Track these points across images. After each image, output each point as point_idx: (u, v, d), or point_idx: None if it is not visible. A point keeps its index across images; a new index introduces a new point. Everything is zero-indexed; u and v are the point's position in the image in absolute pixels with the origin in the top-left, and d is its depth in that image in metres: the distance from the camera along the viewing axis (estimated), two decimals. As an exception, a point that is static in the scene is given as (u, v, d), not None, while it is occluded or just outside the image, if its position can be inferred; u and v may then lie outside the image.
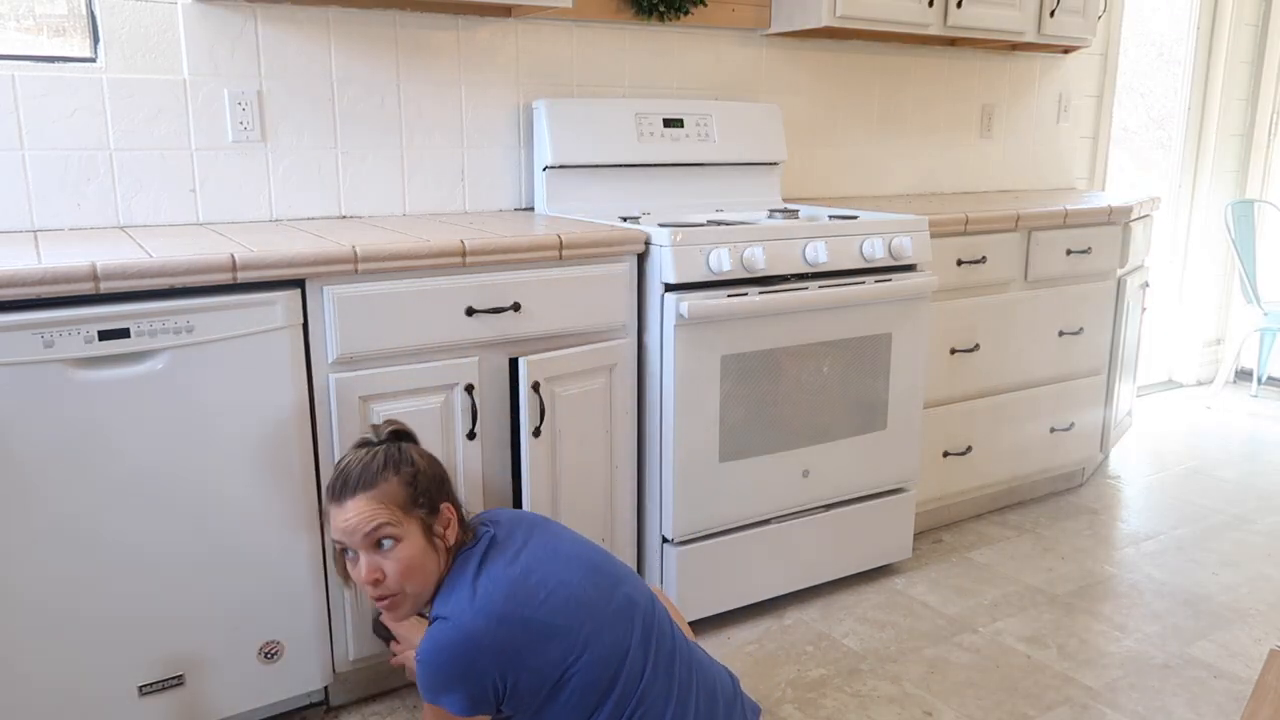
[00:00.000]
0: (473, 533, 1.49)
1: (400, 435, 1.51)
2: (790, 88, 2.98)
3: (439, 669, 1.36)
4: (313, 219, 2.29)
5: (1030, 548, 2.76)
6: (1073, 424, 3.03)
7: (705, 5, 2.71)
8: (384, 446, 1.46)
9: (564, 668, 1.37)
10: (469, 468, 1.93)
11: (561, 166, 2.47)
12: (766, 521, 2.30)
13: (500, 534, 1.49)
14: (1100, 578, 2.57)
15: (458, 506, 1.49)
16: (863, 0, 2.66)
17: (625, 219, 2.27)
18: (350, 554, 1.44)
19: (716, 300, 2.06)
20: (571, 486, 2.05)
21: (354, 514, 1.40)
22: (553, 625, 1.37)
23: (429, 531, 1.43)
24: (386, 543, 1.40)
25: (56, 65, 1.99)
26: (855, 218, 2.36)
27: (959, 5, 2.85)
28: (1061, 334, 2.92)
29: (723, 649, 2.20)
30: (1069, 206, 2.83)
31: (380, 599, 1.43)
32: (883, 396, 2.40)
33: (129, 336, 1.56)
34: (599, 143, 2.51)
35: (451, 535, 1.46)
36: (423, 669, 1.38)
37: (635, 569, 2.23)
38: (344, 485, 1.42)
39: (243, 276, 1.64)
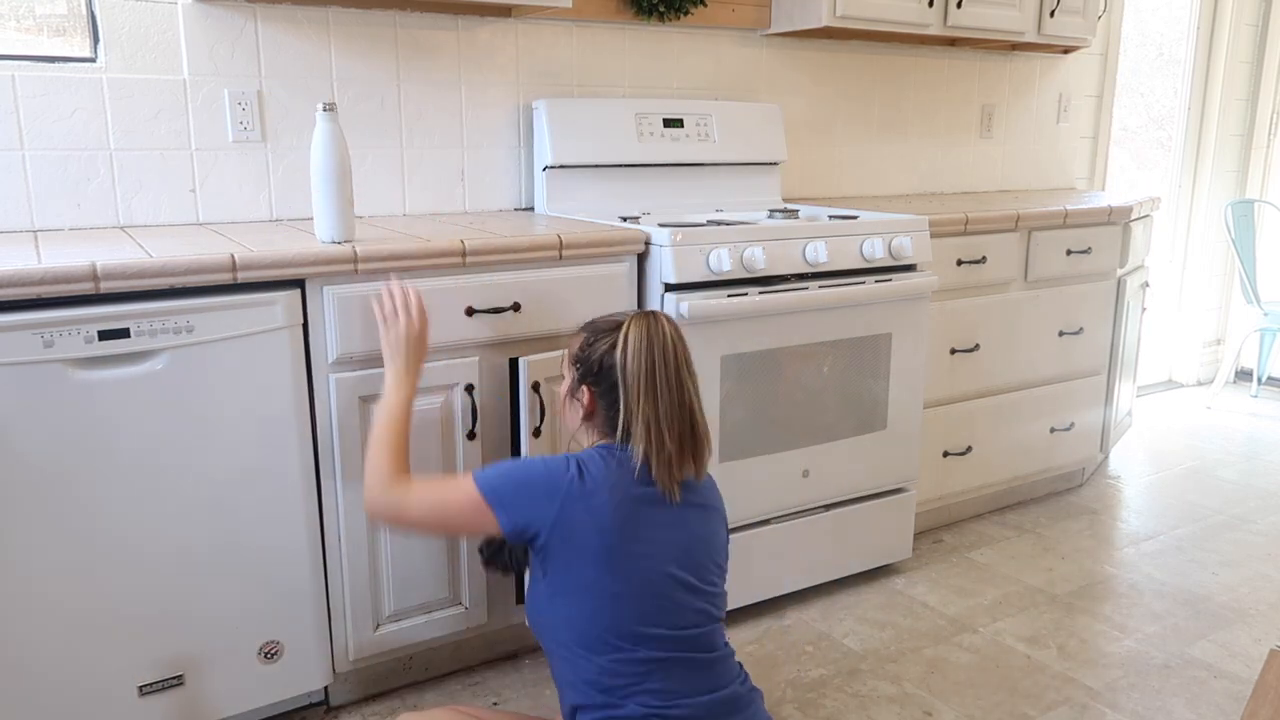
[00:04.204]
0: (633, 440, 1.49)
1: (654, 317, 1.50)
2: (790, 88, 2.98)
3: (532, 461, 1.48)
4: (312, 219, 2.28)
5: (1030, 548, 2.76)
6: (1073, 424, 3.03)
7: (705, 5, 2.71)
8: (633, 313, 1.51)
9: (586, 585, 1.40)
10: (469, 467, 1.92)
11: (561, 166, 2.47)
12: (766, 521, 2.30)
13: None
14: (1100, 578, 2.57)
15: (603, 400, 1.50)
16: (863, 0, 2.66)
17: (625, 219, 2.27)
18: None
19: (717, 300, 2.06)
20: (571, 486, 2.05)
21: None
22: (607, 545, 1.40)
23: (571, 390, 1.55)
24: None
25: (56, 65, 1.99)
26: (855, 218, 2.36)
27: (959, 5, 2.85)
28: (1061, 334, 2.92)
29: (723, 649, 2.20)
30: (1069, 206, 2.83)
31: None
32: (883, 396, 2.40)
33: (129, 336, 1.56)
34: (599, 143, 2.51)
35: (578, 413, 1.54)
36: (521, 460, 1.50)
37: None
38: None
39: (243, 276, 1.64)
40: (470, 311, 1.88)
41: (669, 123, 2.62)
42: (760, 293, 2.14)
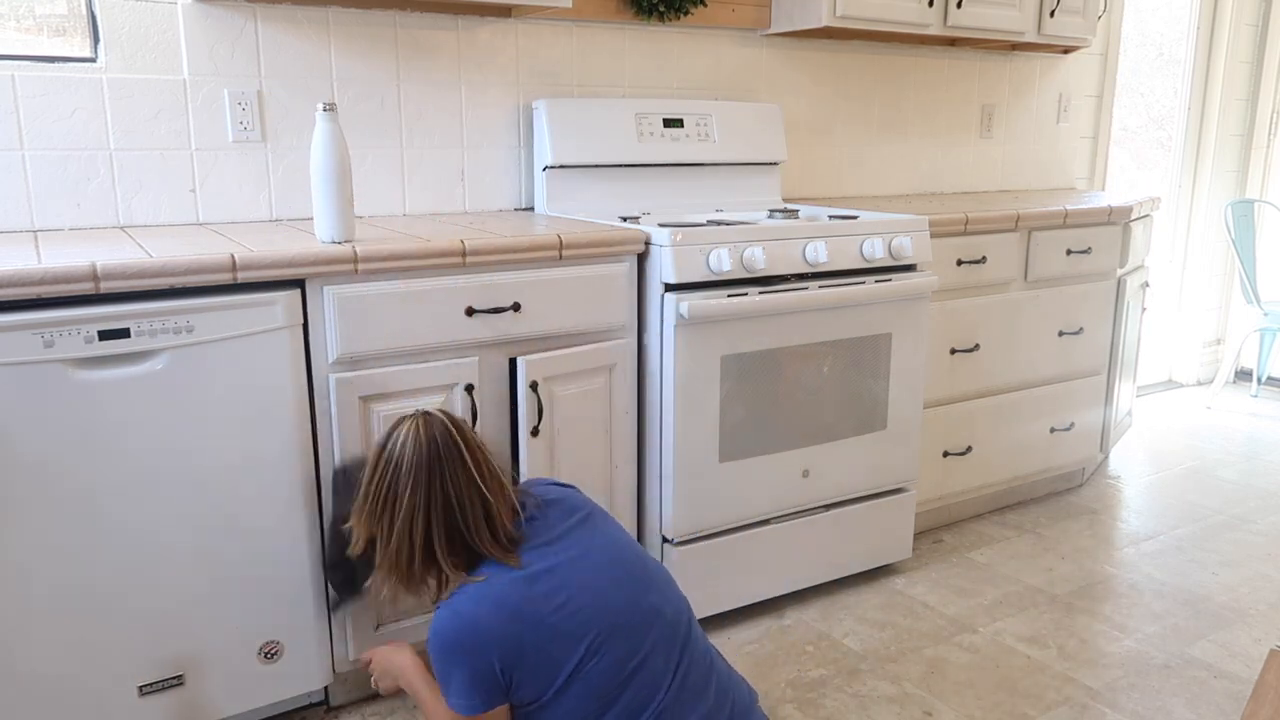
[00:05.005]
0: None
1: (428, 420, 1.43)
2: (790, 88, 2.98)
3: (441, 652, 1.37)
4: (312, 219, 2.28)
5: (1030, 548, 2.76)
6: (1073, 424, 3.03)
7: (705, 5, 2.71)
8: (404, 421, 1.42)
9: (570, 671, 1.37)
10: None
11: (561, 166, 2.47)
12: (766, 521, 2.30)
13: (537, 519, 1.46)
14: (1100, 578, 2.57)
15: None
16: (863, 0, 2.66)
17: (625, 219, 2.27)
18: None
19: (717, 300, 2.06)
20: (571, 486, 2.05)
21: None
22: (564, 630, 1.36)
23: None
24: None
25: (56, 65, 1.99)
26: (855, 218, 2.36)
27: (959, 5, 2.85)
28: (1061, 334, 2.92)
29: (723, 649, 2.20)
30: (1069, 206, 2.83)
31: None
32: (883, 396, 2.40)
33: (129, 336, 1.56)
34: (599, 143, 2.51)
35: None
36: (430, 651, 1.39)
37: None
38: None
39: (243, 276, 1.64)
40: (470, 311, 1.88)
41: (669, 123, 2.62)
42: (760, 293, 2.14)
